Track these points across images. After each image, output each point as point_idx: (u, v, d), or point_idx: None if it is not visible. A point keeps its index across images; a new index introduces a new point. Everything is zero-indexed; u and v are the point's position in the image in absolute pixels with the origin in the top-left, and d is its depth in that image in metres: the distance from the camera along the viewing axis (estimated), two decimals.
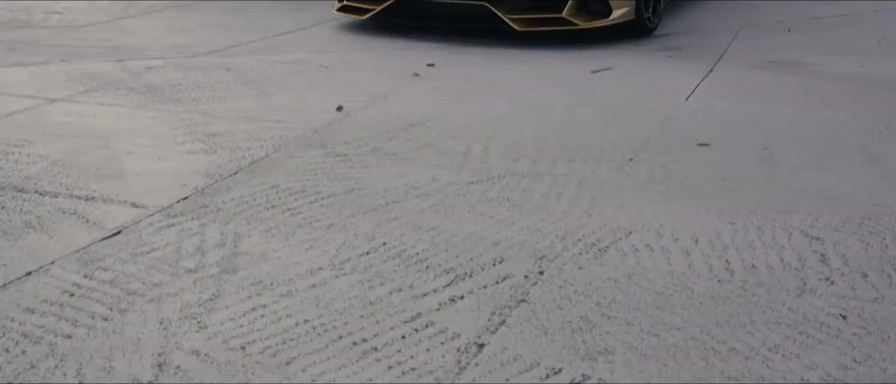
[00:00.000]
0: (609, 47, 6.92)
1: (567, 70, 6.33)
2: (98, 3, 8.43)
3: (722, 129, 5.10)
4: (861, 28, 7.66)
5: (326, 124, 5.00)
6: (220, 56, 6.48)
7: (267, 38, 7.09)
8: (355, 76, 6.04)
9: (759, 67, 6.47)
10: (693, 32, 7.51)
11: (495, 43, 6.89)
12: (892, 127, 5.16)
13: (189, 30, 7.36)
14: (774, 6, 8.49)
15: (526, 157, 4.56)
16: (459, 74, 6.15)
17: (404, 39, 7.05)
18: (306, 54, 6.59)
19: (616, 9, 7.03)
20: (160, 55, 6.47)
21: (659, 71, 6.39)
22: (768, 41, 7.23)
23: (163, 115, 5.12)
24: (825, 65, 6.52)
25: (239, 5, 8.41)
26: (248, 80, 5.88)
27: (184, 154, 4.51)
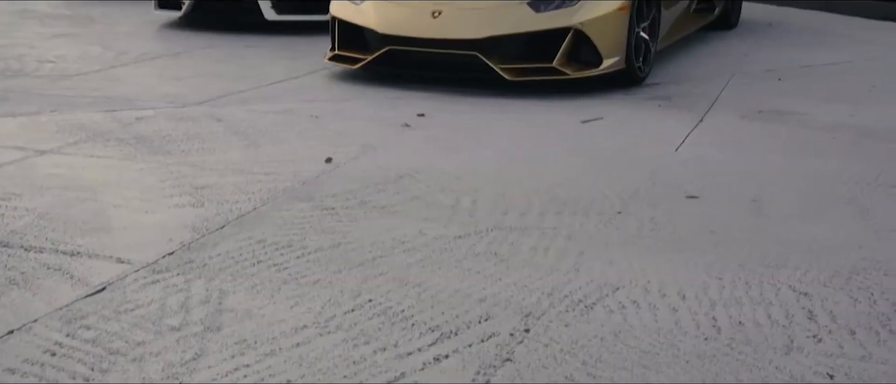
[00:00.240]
0: (600, 96, 6.94)
1: (558, 120, 6.34)
2: (91, 51, 8.45)
3: (711, 179, 5.10)
4: (851, 77, 7.68)
5: (315, 176, 5.00)
6: (211, 106, 6.48)
7: (259, 88, 7.10)
8: (346, 126, 6.04)
9: (749, 117, 6.48)
10: (683, 81, 7.53)
11: (486, 92, 6.90)
12: (882, 177, 5.16)
13: (181, 79, 7.37)
14: (765, 54, 8.52)
15: (515, 209, 4.55)
16: (450, 124, 6.15)
17: (396, 89, 7.06)
18: (297, 104, 6.60)
19: (606, 58, 7.04)
20: (151, 105, 6.48)
21: (649, 120, 6.40)
22: (759, 90, 7.25)
23: (152, 167, 5.11)
24: (815, 114, 6.53)
25: (232, 54, 8.43)
26: (239, 130, 5.88)
27: (171, 207, 4.49)
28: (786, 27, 9.87)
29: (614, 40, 7.09)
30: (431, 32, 7.04)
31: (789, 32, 9.59)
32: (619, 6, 7.12)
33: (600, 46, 7.02)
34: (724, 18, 9.56)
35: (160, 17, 9.99)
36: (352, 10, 7.41)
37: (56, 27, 9.73)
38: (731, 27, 9.71)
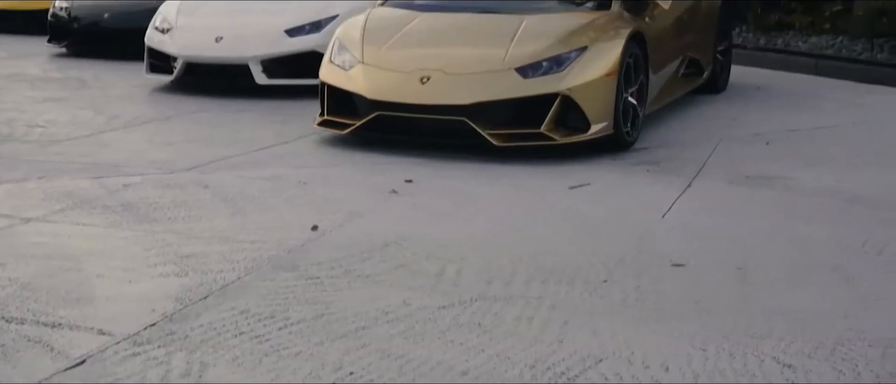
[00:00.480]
0: (587, 161, 6.95)
1: (545, 186, 6.35)
2: (82, 115, 8.47)
3: (698, 246, 5.10)
4: (838, 141, 7.72)
5: (301, 244, 4.99)
6: (200, 172, 6.49)
7: (248, 153, 7.11)
8: (334, 192, 6.05)
9: (736, 182, 6.50)
10: (672, 145, 7.55)
11: (475, 157, 6.92)
12: (869, 244, 5.17)
13: (171, 144, 7.39)
14: (753, 118, 8.55)
15: (500, 278, 4.54)
16: (437, 191, 6.16)
17: (384, 154, 7.07)
18: (286, 169, 6.61)
19: (594, 124, 7.07)
20: (139, 171, 6.48)
21: (637, 186, 6.41)
22: (746, 154, 7.27)
23: (137, 236, 5.11)
24: (803, 179, 6.55)
25: (222, 118, 8.46)
26: (226, 197, 5.88)
27: (155, 277, 4.48)
28: (774, 90, 9.91)
29: (602, 106, 7.11)
30: (420, 98, 7.06)
31: (777, 96, 9.64)
32: (607, 72, 7.15)
33: (588, 112, 7.05)
34: (713, 82, 9.60)
35: (152, 80, 10.03)
36: (341, 76, 7.44)
37: (47, 91, 9.77)
38: (720, 91, 9.75)
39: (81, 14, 12.47)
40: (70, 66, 11.44)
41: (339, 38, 7.78)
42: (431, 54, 7.33)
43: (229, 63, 9.60)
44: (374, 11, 8.10)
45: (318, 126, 7.53)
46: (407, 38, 7.55)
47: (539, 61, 7.11)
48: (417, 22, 7.75)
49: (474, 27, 7.67)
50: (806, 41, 11.59)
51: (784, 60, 11.16)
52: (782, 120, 8.48)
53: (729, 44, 10.12)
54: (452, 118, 7.01)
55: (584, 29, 7.44)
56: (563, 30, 7.39)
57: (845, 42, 11.28)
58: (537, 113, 7.01)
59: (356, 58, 7.43)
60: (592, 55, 7.17)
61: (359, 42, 7.55)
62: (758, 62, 11.36)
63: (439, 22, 7.81)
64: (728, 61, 10.05)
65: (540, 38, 7.28)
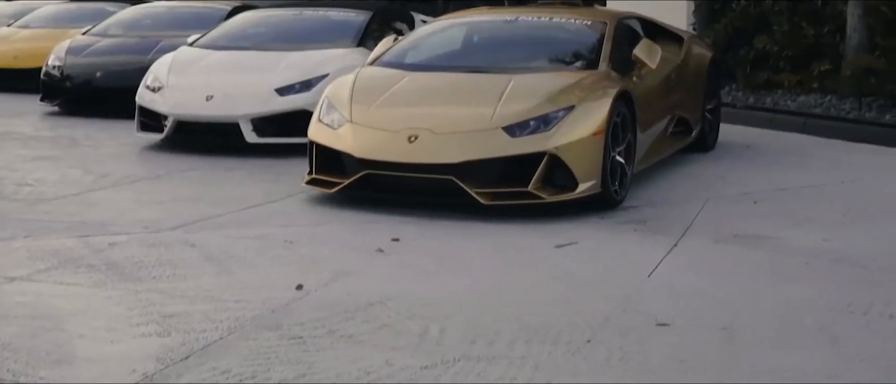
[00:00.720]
0: (575, 220, 6.96)
1: (532, 244, 6.35)
2: (71, 174, 8.47)
3: (684, 306, 5.09)
4: (826, 200, 7.73)
5: (285, 303, 4.98)
6: (186, 231, 6.48)
7: (235, 212, 7.12)
8: (320, 251, 6.05)
9: (723, 241, 6.50)
10: (660, 204, 7.56)
11: (462, 216, 6.92)
12: (855, 304, 5.17)
13: (159, 203, 7.39)
14: (741, 177, 8.57)
15: (483, 338, 4.53)
16: (424, 249, 6.16)
17: (372, 213, 7.08)
18: (273, 228, 6.61)
19: (582, 182, 7.08)
20: (125, 230, 6.48)
21: (623, 245, 6.41)
22: (734, 213, 7.28)
23: (121, 295, 5.10)
24: (790, 238, 6.55)
25: (212, 177, 8.47)
26: (212, 256, 5.87)
27: (137, 337, 4.47)
28: (762, 149, 9.94)
29: (590, 164, 7.13)
30: (408, 157, 7.08)
31: (766, 154, 9.66)
32: (594, 131, 7.18)
33: (576, 171, 7.06)
34: (702, 141, 9.62)
35: (142, 139, 10.04)
36: (329, 135, 7.46)
37: (38, 149, 9.78)
38: (709, 149, 9.77)
39: (74, 73, 12.50)
40: (62, 125, 11.46)
41: (327, 97, 7.81)
42: (420, 113, 7.36)
43: (219, 122, 9.62)
44: (363, 71, 8.15)
45: (307, 185, 7.53)
46: (395, 98, 7.59)
47: (527, 120, 7.14)
48: (406, 81, 7.79)
49: (463, 86, 7.71)
50: (794, 100, 11.65)
51: (773, 119, 11.20)
52: (770, 178, 8.50)
53: (718, 102, 10.17)
54: (440, 177, 7.02)
55: (572, 88, 7.48)
56: (550, 89, 7.43)
57: (834, 101, 11.34)
58: (525, 171, 7.03)
59: (345, 117, 7.46)
60: (580, 114, 7.20)
61: (347, 101, 7.59)
62: (747, 121, 11.40)
63: (428, 81, 7.85)
64: (717, 120, 10.09)
65: (527, 97, 7.32)
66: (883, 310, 5.09)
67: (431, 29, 9.08)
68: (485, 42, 8.73)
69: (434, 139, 7.11)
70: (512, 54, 8.30)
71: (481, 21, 9.05)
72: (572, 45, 8.36)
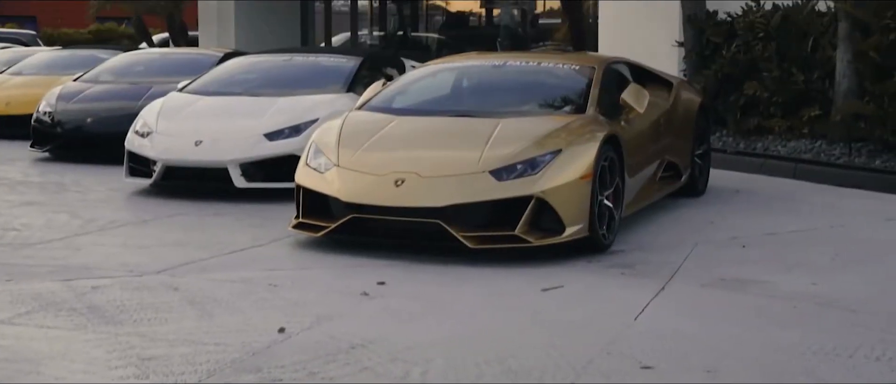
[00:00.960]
0: (562, 263, 6.92)
1: (518, 288, 6.31)
2: (58, 219, 8.44)
3: (668, 350, 5.05)
4: (815, 244, 7.70)
5: (266, 346, 4.93)
6: (170, 275, 6.44)
7: (221, 256, 7.08)
8: (304, 295, 6.00)
9: (710, 285, 6.47)
10: (648, 248, 7.53)
11: (449, 259, 6.89)
12: (840, 349, 5.13)
13: (144, 247, 7.35)
14: (730, 222, 8.55)
15: (466, 381, 4.48)
16: (409, 293, 6.12)
17: (358, 257, 7.04)
18: (257, 272, 6.57)
19: (569, 226, 7.05)
20: (109, 274, 6.44)
21: (610, 288, 6.38)
22: (722, 258, 7.25)
23: (101, 338, 5.05)
24: (778, 283, 6.52)
25: (199, 222, 8.44)
26: (194, 300, 5.83)
27: (116, 380, 4.42)
28: (752, 194, 9.93)
29: (577, 208, 7.11)
30: (394, 201, 7.06)
31: (756, 199, 9.65)
32: (581, 174, 7.16)
33: (563, 214, 7.04)
34: (692, 185, 9.61)
35: (131, 184, 10.02)
36: (316, 179, 7.45)
37: (26, 195, 9.75)
38: (699, 194, 9.76)
39: (64, 119, 12.50)
40: (51, 171, 11.44)
41: (315, 141, 7.81)
42: (407, 157, 7.35)
43: (208, 167, 9.61)
44: (350, 115, 8.14)
45: (293, 229, 7.50)
46: (382, 142, 7.58)
47: (513, 164, 7.12)
48: (393, 125, 7.79)
49: (450, 130, 7.71)
50: (785, 145, 11.65)
51: (763, 164, 11.20)
52: (760, 223, 8.48)
53: (707, 147, 10.16)
54: (427, 221, 6.99)
55: (559, 132, 7.48)
56: (537, 133, 7.43)
57: (824, 146, 11.34)
58: (512, 215, 7.01)
59: (332, 161, 7.45)
60: (567, 158, 7.19)
61: (335, 145, 7.58)
62: (737, 166, 11.41)
63: (415, 125, 7.85)
64: (707, 165, 10.08)
65: (515, 140, 7.32)
66: (869, 353, 5.05)
67: (420, 73, 9.10)
68: (473, 86, 8.75)
69: (421, 183, 7.09)
70: (500, 98, 8.32)
71: (470, 66, 9.07)
72: (560, 89, 8.38)
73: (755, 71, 12.21)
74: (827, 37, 11.74)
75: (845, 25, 11.18)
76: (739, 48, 12.41)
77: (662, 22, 14.27)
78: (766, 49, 12.13)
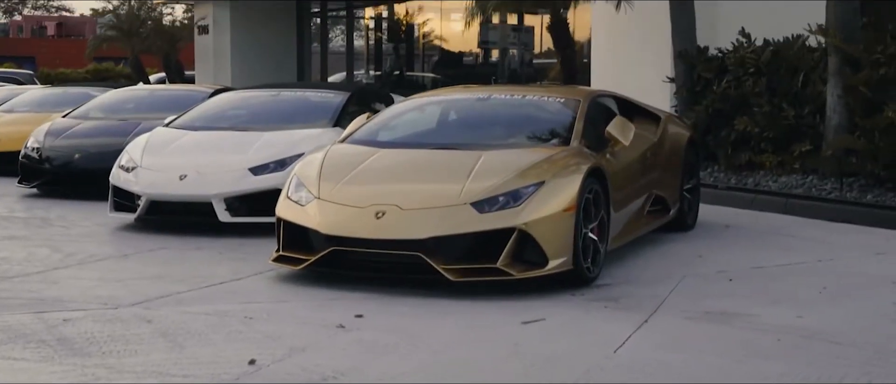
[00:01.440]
0: (545, 296, 6.82)
1: (498, 320, 6.21)
2: (38, 253, 8.35)
3: (648, 381, 4.94)
4: (803, 278, 7.60)
5: (235, 378, 4.83)
6: (144, 307, 6.35)
7: (198, 289, 6.98)
8: (278, 328, 5.90)
9: (694, 318, 6.37)
10: (634, 282, 7.43)
11: (430, 292, 6.79)
12: (824, 378, 5.03)
13: (122, 280, 7.26)
14: (718, 256, 8.45)
15: None
16: (386, 326, 6.02)
17: (338, 290, 6.95)
18: (233, 305, 6.47)
19: (552, 259, 6.95)
20: (82, 307, 6.34)
21: (593, 321, 6.28)
22: (708, 291, 7.15)
23: (67, 370, 4.95)
24: (763, 315, 6.42)
25: (181, 255, 8.35)
26: (166, 332, 5.73)
27: None
28: (742, 229, 9.83)
29: (560, 241, 7.01)
30: (375, 233, 6.97)
31: (745, 234, 9.56)
32: (565, 207, 7.07)
33: (546, 247, 6.94)
34: (680, 220, 9.52)
35: (116, 219, 9.94)
36: (297, 211, 7.36)
37: (9, 229, 9.67)
38: (688, 229, 9.66)
39: (52, 155, 12.45)
40: (37, 206, 11.37)
41: (296, 174, 7.73)
42: (387, 190, 7.27)
43: (192, 201, 9.53)
44: (333, 148, 8.07)
45: (274, 262, 7.41)
46: (364, 175, 7.50)
47: (495, 196, 7.04)
48: (375, 158, 7.71)
49: (432, 163, 7.63)
50: (776, 181, 11.57)
51: (754, 200, 11.12)
52: (748, 257, 8.38)
53: (697, 182, 10.08)
54: (407, 253, 6.90)
55: (542, 164, 7.39)
56: (520, 165, 7.34)
57: (815, 181, 11.26)
58: (495, 248, 6.91)
59: (312, 193, 7.37)
60: (550, 190, 7.11)
61: (316, 178, 7.50)
62: (728, 201, 11.32)
63: (397, 158, 7.77)
64: (696, 199, 9.99)
65: (497, 173, 7.23)
66: None
67: (404, 107, 9.04)
68: (457, 119, 8.68)
69: (401, 215, 7.00)
70: (483, 131, 8.25)
71: (454, 99, 9.01)
72: (545, 121, 8.31)
73: (746, 106, 12.15)
74: (817, 72, 11.69)
75: (835, 60, 11.14)
76: (730, 84, 12.36)
77: (654, 59, 14.24)
78: (757, 84, 12.07)
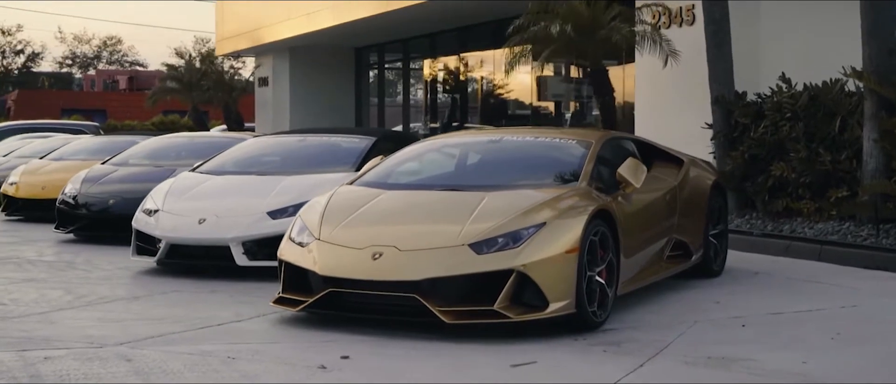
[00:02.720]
0: (544, 340, 6.65)
1: (487, 362, 6.06)
2: (51, 294, 8.37)
3: None
4: (819, 324, 7.34)
5: None
6: (130, 347, 6.29)
7: (194, 330, 6.92)
8: (258, 368, 5.81)
9: (693, 363, 6.16)
10: (643, 327, 7.22)
11: (424, 334, 6.66)
12: None
13: (120, 321, 7.22)
14: (738, 301, 8.20)
15: None
16: (370, 368, 5.90)
17: (335, 332, 6.84)
18: (221, 346, 6.39)
19: (553, 302, 6.77)
20: (69, 346, 6.31)
21: (586, 365, 6.10)
22: (717, 337, 6.92)
23: None
24: (766, 361, 6.19)
25: (192, 298, 8.30)
26: (142, 370, 5.67)
27: None
28: (771, 276, 9.55)
29: (562, 283, 6.83)
30: (371, 274, 6.86)
31: (772, 281, 9.28)
32: (567, 248, 6.90)
33: (546, 289, 6.77)
34: (706, 266, 9.25)
35: (139, 263, 9.96)
36: (298, 253, 7.29)
37: (31, 272, 9.72)
38: (714, 275, 9.40)
39: (88, 200, 12.58)
40: (68, 250, 11.45)
41: (300, 215, 7.67)
42: (387, 231, 7.16)
43: (210, 244, 9.52)
44: (340, 190, 8.00)
45: (274, 304, 7.33)
46: (365, 216, 7.41)
47: (494, 237, 6.89)
48: (379, 200, 7.62)
49: (435, 204, 7.52)
50: (812, 227, 11.26)
51: (789, 247, 10.82)
52: (768, 304, 8.13)
53: (724, 228, 9.82)
54: (403, 294, 6.77)
55: (546, 205, 7.23)
56: (523, 206, 7.19)
57: (851, 228, 10.94)
58: (494, 290, 6.75)
59: (313, 235, 7.29)
60: (551, 231, 6.95)
61: (318, 220, 7.43)
62: (763, 248, 11.05)
63: (401, 199, 7.67)
64: (723, 245, 9.73)
65: (498, 214, 7.10)
66: None
67: (416, 149, 8.94)
68: (467, 161, 8.58)
69: (398, 256, 6.89)
70: (491, 173, 8.13)
71: (466, 141, 8.92)
72: (554, 163, 8.14)
73: (782, 152, 11.88)
74: (855, 116, 11.39)
75: (871, 103, 10.85)
76: (767, 129, 12.09)
77: (696, 106, 14.03)
78: (794, 129, 11.80)
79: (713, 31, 12.86)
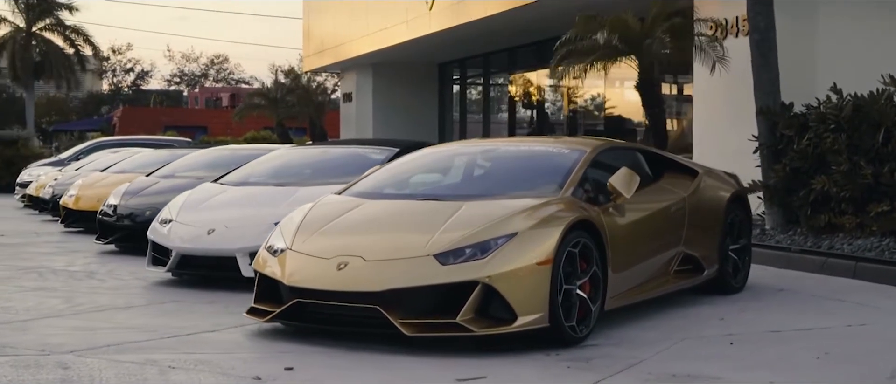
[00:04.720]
0: (509, 355, 6.41)
1: (434, 376, 5.87)
2: (47, 303, 8.41)
3: None
4: (813, 343, 6.94)
5: None
6: (77, 355, 6.24)
7: (159, 339, 6.85)
8: (193, 378, 5.69)
9: (657, 380, 5.86)
10: (626, 343, 6.92)
11: (384, 347, 6.48)
12: None
13: (93, 329, 7.19)
14: (743, 318, 7.83)
15: None
16: (306, 380, 5.73)
17: (297, 343, 6.72)
18: (171, 355, 6.30)
19: (522, 315, 6.52)
20: (19, 353, 6.29)
21: (538, 381, 5.84)
22: (695, 354, 6.60)
23: None
24: (730, 379, 5.86)
25: (180, 309, 8.23)
26: (71, 380, 5.60)
27: None
28: (795, 293, 9.11)
29: (533, 296, 6.58)
30: (334, 285, 6.71)
31: (793, 298, 8.85)
32: (539, 260, 6.64)
33: (514, 303, 6.52)
34: (722, 282, 8.86)
35: (154, 273, 9.99)
36: (270, 263, 7.17)
37: (47, 281, 9.80)
38: (734, 291, 9.00)
39: (126, 212, 12.68)
40: (97, 261, 11.54)
41: (280, 225, 7.57)
42: (356, 241, 7.00)
43: (217, 255, 9.48)
44: (322, 199, 7.88)
45: (247, 314, 7.22)
46: (338, 226, 7.26)
47: (462, 247, 6.67)
48: (357, 210, 7.47)
49: (409, 214, 7.34)
50: (851, 243, 10.75)
51: (824, 263, 10.35)
52: (771, 321, 7.74)
53: (747, 242, 9.40)
54: (365, 305, 6.60)
55: (521, 215, 6.96)
56: (497, 215, 6.96)
57: (891, 244, 10.41)
58: (462, 302, 6.54)
59: (287, 244, 7.17)
60: (523, 241, 6.70)
61: (294, 229, 7.31)
62: (800, 265, 10.59)
63: (377, 210, 7.50)
64: (744, 261, 9.30)
65: (470, 224, 6.88)
66: None
67: (408, 159, 8.75)
68: (455, 171, 8.38)
69: (364, 267, 6.73)
70: (475, 182, 7.94)
71: (459, 151, 8.72)
72: (541, 172, 7.87)
73: (824, 165, 11.39)
74: None
75: None
76: (810, 141, 11.61)
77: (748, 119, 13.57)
78: (836, 141, 11.29)
79: (758, 40, 12.42)
